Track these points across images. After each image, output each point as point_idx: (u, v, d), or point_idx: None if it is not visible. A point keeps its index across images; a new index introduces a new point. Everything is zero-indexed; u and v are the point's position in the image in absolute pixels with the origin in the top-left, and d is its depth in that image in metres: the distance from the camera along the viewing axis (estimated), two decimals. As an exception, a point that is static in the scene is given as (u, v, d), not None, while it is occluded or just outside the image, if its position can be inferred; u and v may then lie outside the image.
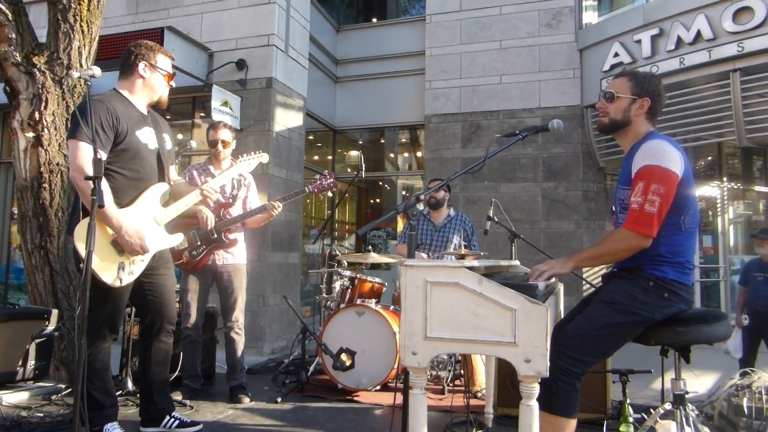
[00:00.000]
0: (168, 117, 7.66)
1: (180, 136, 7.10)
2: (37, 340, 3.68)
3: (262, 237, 6.20)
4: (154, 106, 2.99)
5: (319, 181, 3.61)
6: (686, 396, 2.06)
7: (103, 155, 2.56)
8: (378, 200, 10.49)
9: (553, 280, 2.72)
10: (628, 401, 2.79)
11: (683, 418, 2.01)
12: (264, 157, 3.38)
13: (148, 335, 2.89)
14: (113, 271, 2.54)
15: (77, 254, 2.48)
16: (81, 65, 4.21)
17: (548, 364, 1.58)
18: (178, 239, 2.88)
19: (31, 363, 3.69)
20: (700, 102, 6.36)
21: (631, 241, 2.02)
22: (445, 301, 1.66)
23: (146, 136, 2.77)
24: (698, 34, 6.21)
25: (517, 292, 1.61)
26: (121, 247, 2.60)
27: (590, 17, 7.80)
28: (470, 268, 1.66)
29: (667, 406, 2.15)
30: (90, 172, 2.44)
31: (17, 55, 4.12)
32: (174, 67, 6.12)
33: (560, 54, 7.60)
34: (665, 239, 2.06)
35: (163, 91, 2.89)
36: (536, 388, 1.63)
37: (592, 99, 7.20)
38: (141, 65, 2.79)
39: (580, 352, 1.96)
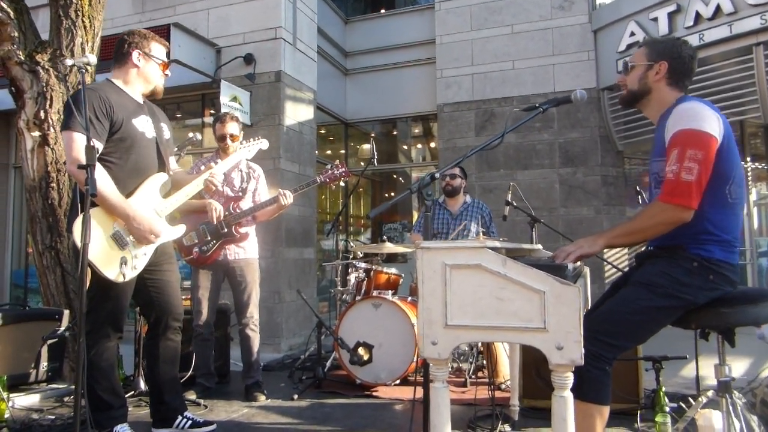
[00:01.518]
0: (178, 115, 7.64)
1: (190, 135, 7.02)
2: (49, 342, 3.62)
3: (276, 233, 6.11)
4: (151, 98, 2.88)
5: (330, 171, 3.49)
6: (732, 383, 1.90)
7: (99, 145, 2.47)
8: (392, 193, 10.35)
9: (579, 263, 2.58)
10: (663, 390, 2.63)
11: (730, 407, 1.85)
12: (264, 144, 3.27)
13: (154, 333, 2.79)
14: (115, 266, 2.44)
15: (77, 249, 2.39)
16: (84, 61, 4.13)
17: (582, 351, 1.44)
18: (180, 231, 2.76)
19: (44, 365, 3.64)
20: (721, 79, 6.13)
21: (669, 214, 1.84)
22: (467, 285, 1.52)
23: (143, 125, 2.67)
24: (718, 8, 5.98)
25: (545, 273, 1.47)
26: (124, 240, 2.50)
27: (604, -3, 7.57)
28: (493, 249, 1.53)
29: (711, 394, 1.99)
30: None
31: (20, 53, 4.06)
32: (181, 64, 6.13)
33: (574, 36, 7.40)
34: (710, 213, 1.88)
35: (158, 81, 2.79)
36: (570, 378, 1.49)
37: (608, 81, 7.01)
38: (135, 54, 2.68)
39: (612, 336, 1.80)
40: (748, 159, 7.43)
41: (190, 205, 3.51)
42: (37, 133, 4.10)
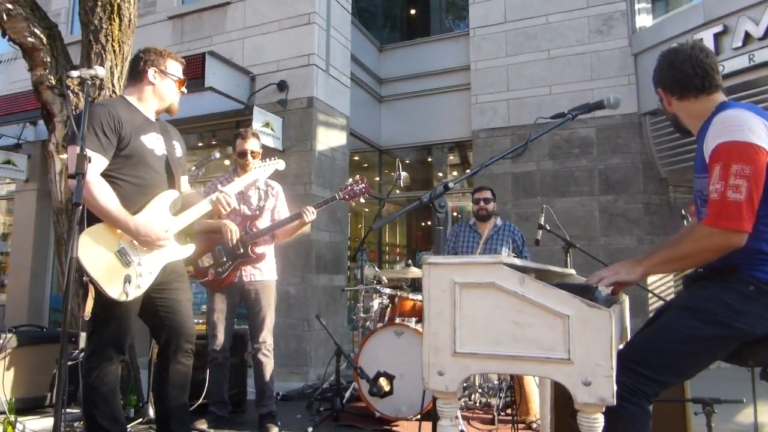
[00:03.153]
0: (214, 142, 7.72)
1: (227, 162, 7.03)
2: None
3: (306, 259, 6.01)
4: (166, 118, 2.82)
5: (349, 187, 3.35)
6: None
7: (104, 160, 2.40)
8: (428, 222, 10.18)
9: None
10: (714, 436, 2.33)
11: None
12: (280, 164, 3.17)
13: (164, 356, 2.64)
14: (119, 285, 2.33)
15: (81, 266, 2.30)
16: (113, 85, 4.17)
17: (615, 387, 1.21)
18: (189, 250, 2.65)
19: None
20: (773, 102, 5.78)
21: (717, 240, 1.60)
22: (479, 307, 1.33)
23: (153, 142, 2.59)
24: (770, 27, 5.69)
25: (569, 294, 1.26)
26: (129, 257, 2.40)
27: (644, 20, 7.34)
28: (510, 266, 1.33)
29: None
30: (91, 176, 2.27)
31: (52, 78, 4.13)
32: (216, 91, 6.17)
33: (613, 60, 7.18)
34: (766, 232, 1.64)
35: (173, 99, 2.71)
36: (599, 421, 1.25)
37: (650, 105, 6.73)
38: (150, 71, 2.63)
39: (652, 368, 1.56)
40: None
41: (207, 225, 3.42)
42: (65, 156, 4.13)
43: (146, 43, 2.84)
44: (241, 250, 3.39)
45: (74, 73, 2.25)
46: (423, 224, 10.18)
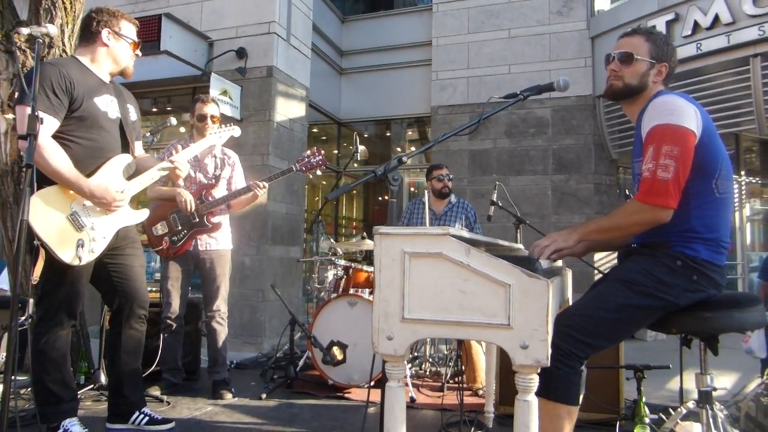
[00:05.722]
0: (169, 108, 7.52)
1: (183, 130, 6.88)
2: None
3: (261, 230, 5.99)
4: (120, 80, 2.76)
5: (306, 159, 3.35)
6: (713, 393, 1.78)
7: (55, 122, 2.34)
8: (386, 197, 10.21)
9: (559, 262, 2.47)
10: (643, 400, 2.51)
11: (710, 419, 1.73)
12: (236, 131, 3.15)
13: (117, 322, 2.64)
14: (71, 249, 2.31)
15: (31, 230, 2.26)
16: (63, 43, 4.01)
17: (549, 350, 1.31)
18: (143, 215, 2.63)
19: (2, 355, 3.48)
20: (717, 90, 6.06)
21: (645, 215, 1.74)
22: (427, 276, 1.40)
23: (106, 104, 2.54)
24: (716, 18, 5.94)
25: (511, 265, 1.34)
26: (81, 221, 2.37)
27: (602, 4, 7.52)
28: (457, 237, 1.40)
29: (691, 405, 1.86)
30: (41, 139, 2.22)
31: (-4, 33, 3.94)
32: (172, 55, 5.99)
33: (571, 42, 7.33)
34: (696, 210, 1.79)
35: (128, 61, 2.66)
36: (534, 380, 1.36)
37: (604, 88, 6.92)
38: (104, 32, 2.56)
39: (586, 333, 1.70)
40: (743, 173, 7.35)
41: (161, 193, 3.38)
42: (11, 116, 3.97)
43: (99, 3, 2.77)
44: (197, 219, 3.37)
45: (24, 30, 2.16)
46: (380, 198, 10.24)
